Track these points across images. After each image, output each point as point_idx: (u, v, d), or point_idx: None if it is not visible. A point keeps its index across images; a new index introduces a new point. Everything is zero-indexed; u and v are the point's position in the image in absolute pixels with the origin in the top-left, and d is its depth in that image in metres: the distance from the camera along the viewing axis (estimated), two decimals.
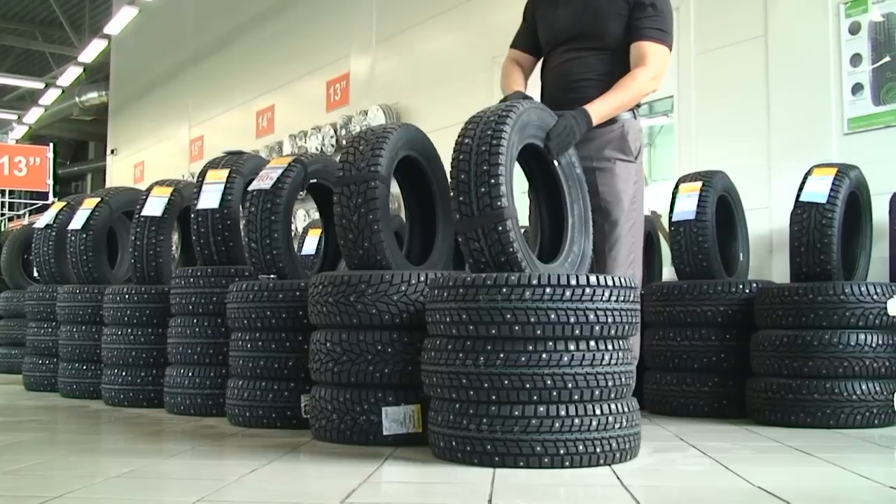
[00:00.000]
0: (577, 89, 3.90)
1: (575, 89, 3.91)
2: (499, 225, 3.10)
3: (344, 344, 3.48)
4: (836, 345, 4.14)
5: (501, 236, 3.11)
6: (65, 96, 21.41)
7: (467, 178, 3.14)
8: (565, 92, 3.94)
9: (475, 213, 3.13)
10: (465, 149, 3.18)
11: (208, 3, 14.87)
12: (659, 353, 4.78)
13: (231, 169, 4.81)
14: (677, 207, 4.94)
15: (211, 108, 14.65)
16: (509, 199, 3.14)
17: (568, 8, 3.98)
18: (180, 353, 4.66)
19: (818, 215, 4.41)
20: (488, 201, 3.11)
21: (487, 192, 3.11)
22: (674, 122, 6.87)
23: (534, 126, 3.43)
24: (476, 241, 3.16)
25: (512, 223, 3.12)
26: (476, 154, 3.15)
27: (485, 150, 3.14)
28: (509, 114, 3.24)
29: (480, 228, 3.13)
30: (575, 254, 3.59)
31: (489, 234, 3.12)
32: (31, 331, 6.43)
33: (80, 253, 5.71)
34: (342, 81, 11.07)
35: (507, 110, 3.26)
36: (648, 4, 3.86)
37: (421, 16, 9.80)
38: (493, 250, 3.13)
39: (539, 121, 3.47)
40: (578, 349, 2.95)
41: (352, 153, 3.64)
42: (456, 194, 3.18)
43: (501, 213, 3.10)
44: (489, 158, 3.13)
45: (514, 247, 3.12)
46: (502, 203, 3.10)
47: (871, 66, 5.50)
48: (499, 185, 3.10)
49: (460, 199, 3.16)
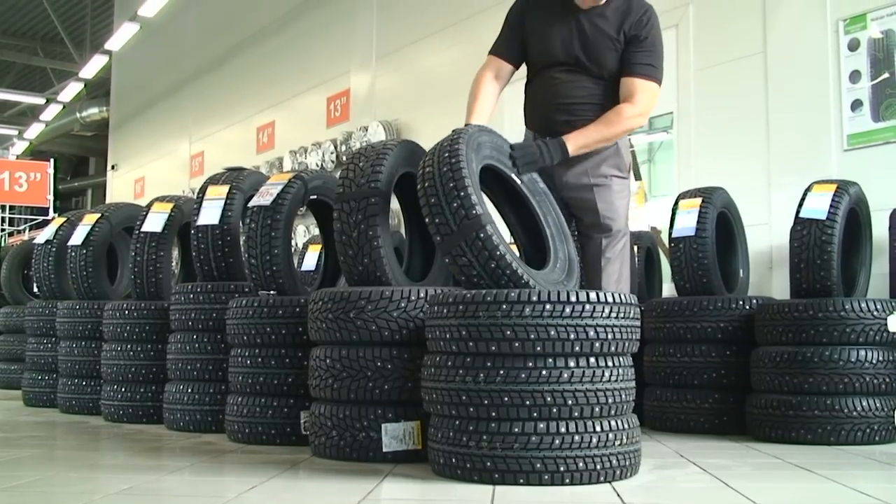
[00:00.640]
0: (571, 111, 3.92)
1: (569, 111, 3.92)
2: (479, 232, 3.13)
3: (343, 360, 3.47)
4: (836, 361, 4.14)
5: (485, 243, 3.13)
6: (65, 112, 21.47)
7: (437, 199, 3.19)
8: (558, 113, 3.95)
9: (454, 229, 3.16)
10: (427, 177, 3.25)
11: (209, 20, 14.92)
12: (659, 370, 4.78)
13: (231, 185, 4.82)
14: (677, 224, 4.94)
15: (211, 123, 14.68)
16: (483, 207, 3.18)
17: (563, 31, 3.94)
18: (180, 369, 4.66)
19: (818, 231, 4.41)
20: (463, 213, 3.15)
21: (460, 204, 3.15)
22: (673, 138, 6.88)
23: (488, 147, 3.52)
24: (462, 255, 3.18)
25: (492, 228, 3.15)
26: (439, 176, 3.21)
27: (446, 170, 3.20)
28: (459, 136, 3.34)
29: (463, 241, 3.15)
30: (562, 259, 3.63)
31: (473, 244, 3.15)
32: (31, 346, 6.42)
33: (80, 269, 5.71)
34: (342, 97, 11.10)
35: (456, 133, 3.37)
36: (643, 38, 3.87)
37: (421, 32, 9.83)
38: (481, 259, 3.15)
39: (491, 142, 3.57)
40: (578, 366, 2.94)
41: (352, 169, 3.65)
42: (431, 219, 3.22)
43: (479, 221, 3.13)
44: (453, 175, 3.18)
45: (500, 250, 3.14)
46: (477, 211, 3.14)
47: (870, 83, 5.52)
48: (469, 195, 3.15)
49: (436, 221, 3.20)
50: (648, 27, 3.89)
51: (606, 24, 3.88)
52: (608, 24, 3.88)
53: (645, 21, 3.88)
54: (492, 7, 8.18)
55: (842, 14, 5.67)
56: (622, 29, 3.87)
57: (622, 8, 3.89)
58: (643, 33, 3.87)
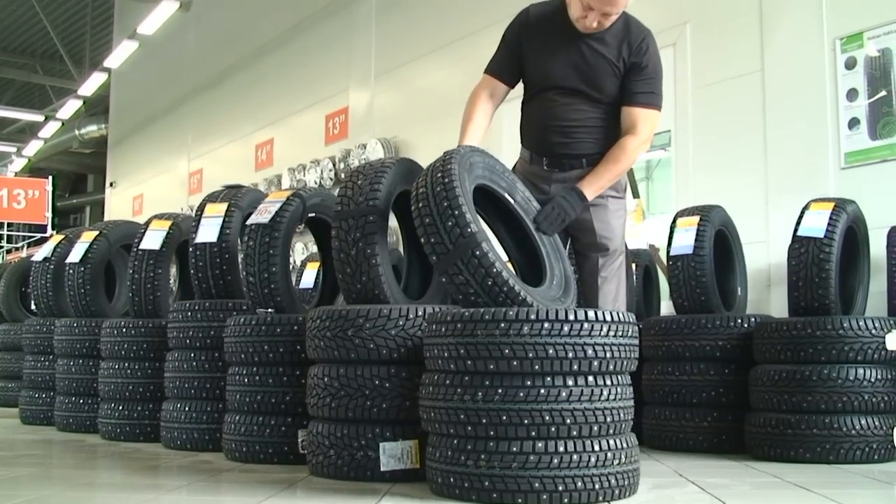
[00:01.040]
0: (568, 134, 3.93)
1: (566, 134, 3.94)
2: (475, 250, 3.14)
3: (341, 379, 3.46)
4: (834, 379, 4.13)
5: (482, 260, 3.14)
6: (64, 129, 21.51)
7: (432, 219, 3.20)
8: (555, 135, 3.96)
9: (450, 248, 3.16)
10: (421, 197, 3.26)
11: (208, 38, 14.96)
12: (657, 388, 4.77)
13: (230, 203, 4.82)
14: (675, 242, 4.94)
15: (210, 141, 14.70)
16: (477, 225, 3.19)
17: (563, 56, 3.92)
18: (177, 388, 4.64)
19: (816, 250, 4.42)
20: (458, 231, 3.15)
21: (455, 223, 3.16)
22: (671, 155, 6.89)
23: (480, 167, 3.53)
24: (459, 273, 3.18)
25: (487, 245, 3.16)
26: (433, 196, 3.21)
27: (440, 189, 3.21)
28: (451, 156, 3.35)
29: (459, 260, 3.16)
30: (558, 276, 3.63)
31: (469, 262, 3.15)
32: (28, 364, 6.41)
33: (77, 286, 5.70)
34: (341, 115, 11.12)
35: (448, 154, 3.37)
36: (644, 66, 3.87)
37: (419, 50, 9.86)
38: (478, 276, 3.15)
39: (484, 162, 3.57)
40: (577, 385, 2.93)
41: (350, 187, 3.65)
42: (426, 239, 3.22)
43: (474, 239, 3.14)
44: (446, 194, 3.19)
45: (496, 267, 3.14)
46: (472, 229, 3.15)
47: (867, 101, 5.53)
48: (463, 214, 3.16)
49: (432, 240, 3.20)
50: (648, 54, 3.89)
51: (606, 50, 3.87)
52: (608, 49, 3.87)
53: (644, 48, 3.88)
54: (489, 25, 8.19)
55: (839, 33, 5.69)
56: (622, 55, 3.86)
57: (621, 34, 3.87)
58: (643, 61, 3.87)
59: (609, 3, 3.70)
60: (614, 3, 3.71)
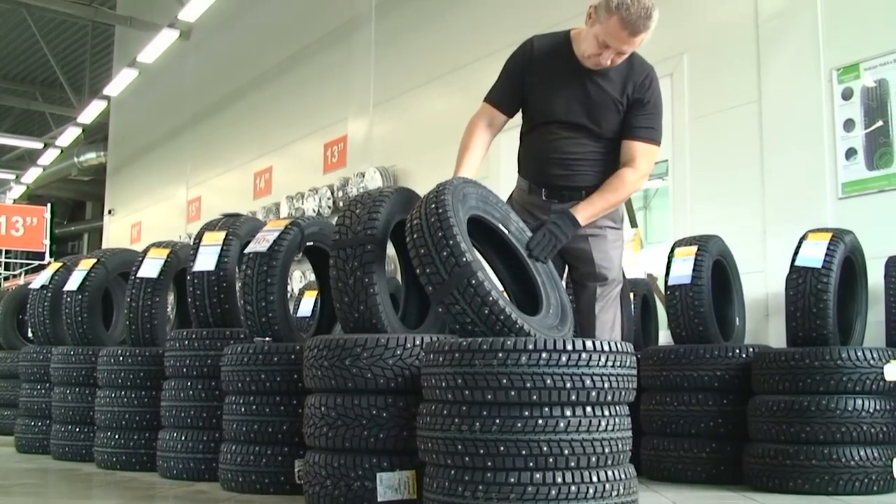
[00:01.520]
0: (568, 167, 3.95)
1: (566, 167, 3.95)
2: (471, 279, 3.13)
3: (339, 408, 3.45)
4: (833, 410, 4.12)
5: (477, 289, 3.13)
6: (63, 156, 21.56)
7: (427, 250, 3.20)
8: (556, 167, 3.97)
9: (445, 278, 3.16)
10: (416, 228, 3.27)
11: (207, 66, 15.03)
12: (656, 418, 4.75)
13: (228, 231, 4.82)
14: (673, 272, 4.95)
15: (209, 169, 14.73)
16: (472, 255, 3.19)
17: (567, 91, 3.91)
18: (174, 417, 4.62)
19: (814, 280, 4.42)
20: (453, 261, 3.15)
21: (450, 253, 3.15)
22: (669, 185, 6.91)
23: (474, 198, 3.54)
24: (455, 303, 3.17)
25: (483, 274, 3.16)
26: (427, 226, 3.22)
27: (434, 220, 3.21)
28: (444, 187, 3.36)
29: (455, 289, 3.15)
30: (554, 305, 3.62)
31: (465, 291, 3.14)
32: (25, 392, 6.38)
33: (75, 314, 5.70)
34: (339, 144, 11.15)
35: (441, 186, 3.38)
36: (646, 102, 3.90)
37: (418, 80, 9.91)
38: (474, 305, 3.15)
39: (477, 193, 3.58)
40: (575, 415, 2.92)
41: (348, 216, 3.66)
42: (422, 269, 3.22)
43: (470, 268, 3.14)
44: (441, 224, 3.19)
45: (492, 296, 3.14)
46: (467, 258, 3.15)
47: (864, 131, 5.55)
48: (458, 243, 3.16)
49: (427, 271, 3.20)
50: (651, 91, 3.91)
51: (610, 86, 3.87)
52: (612, 85, 3.87)
53: (647, 84, 3.90)
54: (488, 56, 8.25)
55: (835, 63, 5.72)
56: (625, 91, 3.87)
57: (625, 70, 3.87)
58: (646, 97, 3.89)
59: (628, 42, 3.69)
60: (632, 44, 3.71)
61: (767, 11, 6.18)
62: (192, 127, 15.40)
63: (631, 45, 3.72)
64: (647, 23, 3.67)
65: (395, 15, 10.42)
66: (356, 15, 10.99)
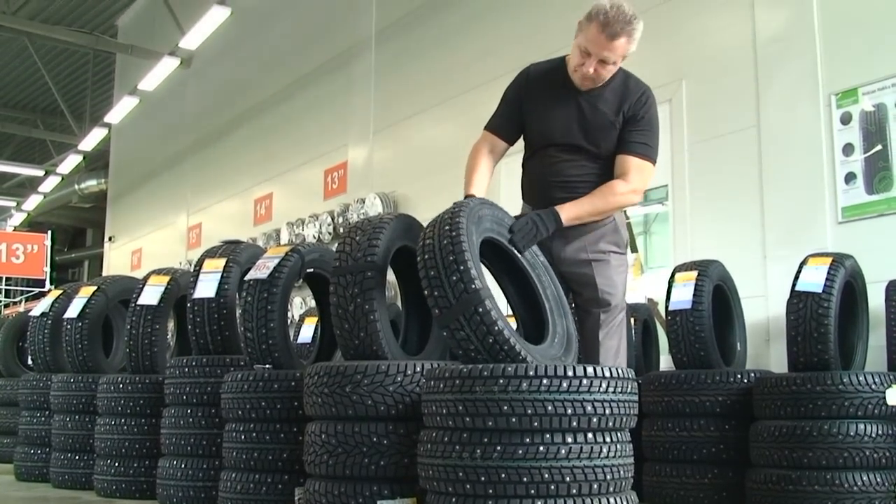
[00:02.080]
0: (569, 189, 3.92)
1: (567, 188, 3.93)
2: (478, 307, 3.11)
3: (339, 435, 3.43)
4: (835, 435, 4.11)
5: (483, 318, 3.11)
6: (64, 183, 21.57)
7: (437, 272, 3.18)
8: (557, 190, 3.95)
9: (453, 303, 3.14)
10: (428, 249, 3.24)
11: (208, 94, 15.08)
12: (658, 444, 4.74)
13: (228, 258, 4.83)
14: (673, 297, 4.95)
15: (209, 196, 14.75)
16: (482, 282, 3.17)
17: (563, 113, 3.94)
18: (174, 444, 4.61)
19: (814, 305, 4.42)
20: (462, 287, 3.13)
21: (459, 278, 3.13)
22: (669, 210, 6.91)
23: (488, 220, 3.52)
24: (460, 329, 3.16)
25: (490, 303, 3.13)
26: (440, 249, 3.20)
27: (447, 242, 3.19)
28: (461, 209, 3.34)
29: (462, 315, 3.13)
30: (560, 334, 3.60)
31: (471, 318, 3.12)
32: (24, 419, 6.37)
33: (75, 341, 5.69)
34: (340, 170, 11.17)
35: (458, 206, 3.36)
36: (641, 118, 3.90)
37: (417, 107, 9.94)
38: (479, 333, 3.13)
39: (492, 215, 3.57)
40: (576, 441, 2.91)
41: (348, 243, 3.66)
42: (430, 291, 3.20)
43: (478, 295, 3.12)
44: (453, 248, 3.17)
45: (498, 325, 3.11)
46: (476, 285, 3.12)
47: (863, 156, 5.56)
48: (469, 269, 3.14)
49: (435, 293, 3.18)
50: (646, 108, 3.91)
51: (606, 106, 3.89)
52: (608, 105, 3.89)
53: (643, 101, 3.91)
54: (487, 82, 8.28)
55: (834, 88, 5.74)
56: (621, 110, 3.88)
57: (620, 90, 3.90)
58: (640, 113, 3.89)
59: (607, 47, 3.70)
60: (612, 49, 3.71)
61: (766, 37, 6.21)
62: (193, 154, 15.43)
63: (611, 50, 3.72)
64: (625, 28, 3.68)
65: (394, 43, 10.47)
66: (356, 43, 11.05)
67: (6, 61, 19.89)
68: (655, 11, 6.95)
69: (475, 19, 9.21)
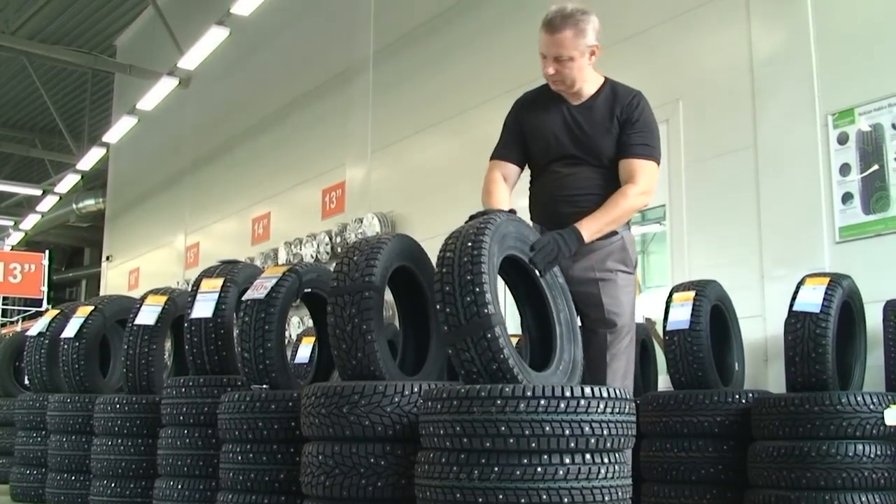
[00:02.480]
0: (575, 203, 3.91)
1: (573, 203, 3.92)
2: (487, 332, 3.09)
3: (336, 456, 3.42)
4: (833, 455, 4.10)
5: (491, 344, 3.09)
6: (62, 203, 21.57)
7: (452, 289, 3.15)
8: (563, 205, 3.94)
9: (463, 323, 3.12)
10: (447, 262, 3.20)
11: (206, 113, 15.11)
12: (656, 465, 4.72)
13: (226, 278, 4.82)
14: (671, 317, 4.94)
15: (207, 215, 14.75)
16: (496, 307, 3.13)
17: (558, 127, 4.00)
18: (170, 465, 4.59)
19: (812, 325, 4.42)
20: (475, 310, 3.10)
21: (473, 300, 3.10)
22: (666, 229, 6.92)
23: (512, 237, 3.46)
24: (466, 350, 3.14)
25: (500, 329, 3.11)
26: (459, 265, 3.16)
27: (466, 260, 3.15)
28: (487, 225, 3.28)
29: (469, 337, 3.11)
30: (566, 361, 3.57)
31: (478, 342, 3.10)
32: (21, 440, 6.35)
33: (72, 361, 5.68)
34: (338, 190, 11.18)
35: (485, 222, 3.30)
36: (636, 121, 3.91)
37: (415, 127, 9.96)
38: (484, 359, 3.11)
39: (517, 232, 3.51)
40: (574, 462, 2.90)
41: (346, 263, 3.65)
42: (442, 306, 3.17)
43: (489, 321, 3.09)
44: (472, 268, 3.13)
45: (504, 353, 3.09)
46: (489, 310, 3.09)
47: (859, 176, 5.58)
48: (484, 293, 3.10)
49: (447, 310, 3.15)
50: (639, 109, 3.94)
51: (598, 114, 3.93)
52: (600, 113, 3.93)
53: (636, 104, 3.94)
54: (484, 102, 8.32)
55: (830, 109, 5.76)
56: (614, 115, 3.91)
57: (610, 97, 3.96)
58: (635, 115, 3.92)
59: (552, 42, 3.84)
60: (559, 43, 3.82)
61: (762, 58, 6.23)
62: (191, 173, 15.44)
63: (558, 45, 3.83)
64: (566, 21, 3.81)
65: (392, 63, 10.50)
66: (354, 63, 11.08)
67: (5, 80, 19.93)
68: (652, 32, 6.99)
69: (472, 40, 9.24)
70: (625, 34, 7.04)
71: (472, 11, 9.32)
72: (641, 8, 7.13)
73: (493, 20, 8.99)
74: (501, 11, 8.84)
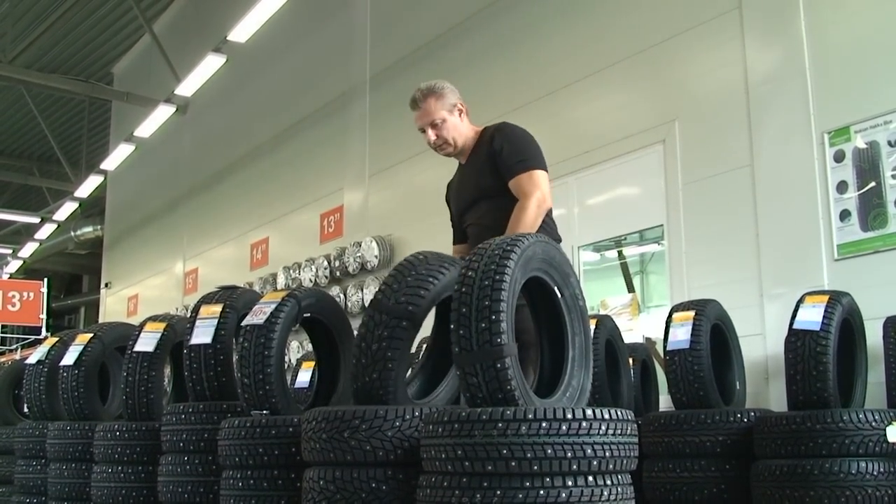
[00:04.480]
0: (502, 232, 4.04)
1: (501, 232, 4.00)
2: (497, 362, 3.06)
3: (337, 482, 3.40)
4: (836, 473, 4.09)
5: (499, 374, 3.07)
6: (60, 230, 21.58)
7: (468, 311, 3.12)
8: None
9: (474, 348, 3.10)
10: (468, 282, 3.17)
11: (203, 140, 15.14)
12: (658, 486, 4.70)
13: (225, 304, 4.81)
14: (671, 337, 4.94)
15: (205, 241, 14.76)
16: (509, 336, 3.11)
17: (460, 186, 4.64)
18: (171, 492, 4.56)
19: (812, 343, 4.42)
20: (488, 337, 3.08)
21: (487, 327, 3.08)
22: (665, 249, 6.92)
23: (538, 259, 3.41)
24: (474, 375, 3.11)
25: (511, 360, 3.08)
26: (478, 288, 3.13)
27: (487, 284, 3.12)
28: (514, 248, 3.24)
29: (479, 364, 3.09)
30: (574, 388, 3.54)
31: (487, 370, 3.08)
32: (20, 468, 6.31)
33: (71, 389, 5.65)
34: (336, 214, 11.19)
35: (512, 244, 3.26)
36: (501, 148, 4.33)
37: (413, 150, 9.95)
38: (491, 387, 3.09)
39: (544, 254, 3.45)
40: (577, 485, 2.89)
41: (398, 280, 3.58)
42: (456, 327, 3.15)
43: (501, 351, 3.07)
44: (491, 294, 3.10)
45: (511, 384, 3.07)
46: (502, 340, 3.07)
47: (857, 193, 5.59)
48: (499, 321, 3.07)
49: (460, 332, 3.13)
50: (504, 135, 4.40)
51: (478, 158, 4.47)
52: (479, 157, 4.47)
53: (500, 133, 4.41)
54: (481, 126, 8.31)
55: (826, 127, 5.78)
56: (488, 153, 4.39)
57: (485, 140, 4.47)
58: (498, 145, 4.35)
59: (420, 115, 4.50)
60: (425, 112, 4.47)
61: (758, 77, 6.26)
62: (189, 200, 15.46)
63: (424, 114, 4.49)
64: (423, 93, 4.46)
65: (388, 87, 10.54)
66: (351, 88, 11.12)
67: (2, 109, 20.01)
68: (648, 53, 7.02)
69: (467, 63, 9.27)
70: (621, 55, 7.07)
71: (467, 35, 9.36)
72: (637, 29, 7.16)
73: (488, 44, 9.03)
74: (497, 35, 8.88)
